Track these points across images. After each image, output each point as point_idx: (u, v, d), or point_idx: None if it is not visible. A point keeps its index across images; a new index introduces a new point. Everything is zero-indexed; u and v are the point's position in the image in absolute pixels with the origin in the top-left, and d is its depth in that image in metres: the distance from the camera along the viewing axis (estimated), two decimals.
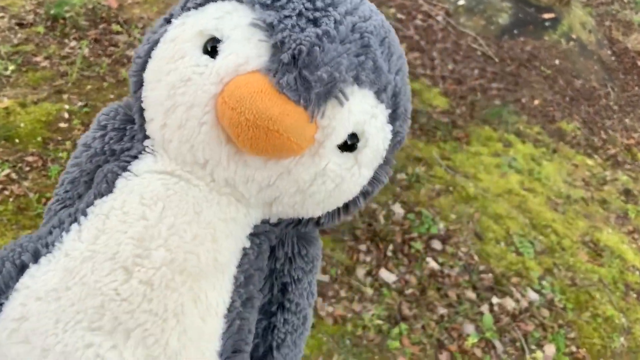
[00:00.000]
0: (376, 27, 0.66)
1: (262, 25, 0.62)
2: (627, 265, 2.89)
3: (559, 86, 4.26)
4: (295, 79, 0.59)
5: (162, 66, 0.66)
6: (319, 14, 0.63)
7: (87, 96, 2.78)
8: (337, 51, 0.61)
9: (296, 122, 0.59)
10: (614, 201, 3.36)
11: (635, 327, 2.55)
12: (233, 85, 0.60)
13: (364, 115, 0.65)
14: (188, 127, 0.64)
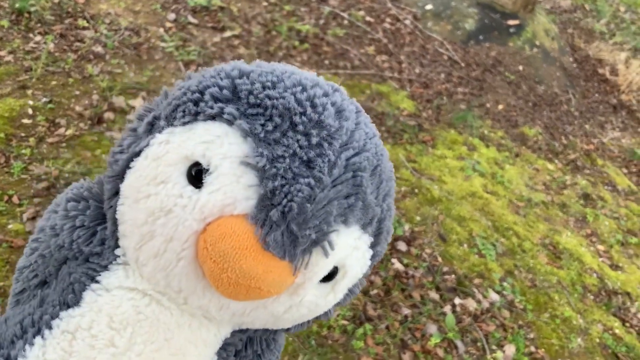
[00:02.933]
0: (369, 159, 0.62)
1: (253, 166, 0.57)
2: (585, 267, 2.98)
3: (522, 92, 4.35)
4: (283, 235, 0.56)
5: (141, 186, 0.61)
6: (313, 153, 0.58)
7: (51, 92, 2.74)
8: (327, 198, 0.58)
9: (279, 278, 0.57)
10: (573, 205, 3.45)
11: (592, 328, 2.63)
12: (217, 231, 0.56)
13: (347, 250, 0.63)
14: (164, 258, 0.60)
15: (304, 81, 0.63)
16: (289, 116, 0.59)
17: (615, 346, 2.57)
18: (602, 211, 3.48)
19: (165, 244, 0.60)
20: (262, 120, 0.59)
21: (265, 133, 0.58)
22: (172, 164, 0.60)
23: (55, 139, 2.50)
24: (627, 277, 3.03)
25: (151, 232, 0.60)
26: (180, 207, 0.58)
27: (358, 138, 0.62)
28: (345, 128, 0.61)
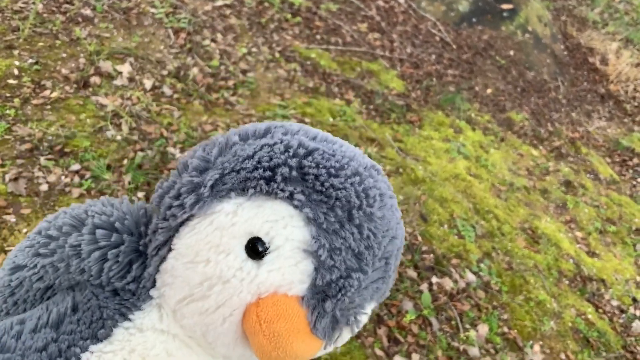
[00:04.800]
0: (399, 247, 0.67)
1: (313, 254, 0.61)
2: (562, 253, 3.02)
3: (511, 77, 4.36)
4: (329, 321, 0.61)
5: (202, 250, 0.63)
6: (362, 246, 0.61)
7: (38, 53, 2.71)
8: (367, 288, 0.63)
9: (313, 353, 0.62)
10: (555, 191, 3.49)
11: (565, 312, 2.68)
12: (273, 311, 0.60)
13: None
14: (211, 318, 0.63)
15: (361, 170, 0.65)
16: (349, 209, 0.62)
17: (587, 331, 2.62)
18: (582, 199, 3.52)
19: (216, 308, 0.62)
20: (325, 209, 0.61)
21: (327, 223, 0.61)
22: (237, 237, 0.62)
23: (40, 101, 2.48)
24: (603, 265, 3.08)
25: (204, 295, 0.63)
26: (239, 279, 0.61)
27: (392, 226, 0.65)
28: (387, 218, 0.65)
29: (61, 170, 2.22)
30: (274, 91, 3.22)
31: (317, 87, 3.39)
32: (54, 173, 2.20)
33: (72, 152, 2.30)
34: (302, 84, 3.37)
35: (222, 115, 2.86)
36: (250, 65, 3.33)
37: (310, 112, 3.14)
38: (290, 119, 3.00)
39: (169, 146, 2.52)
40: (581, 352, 2.51)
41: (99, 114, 2.54)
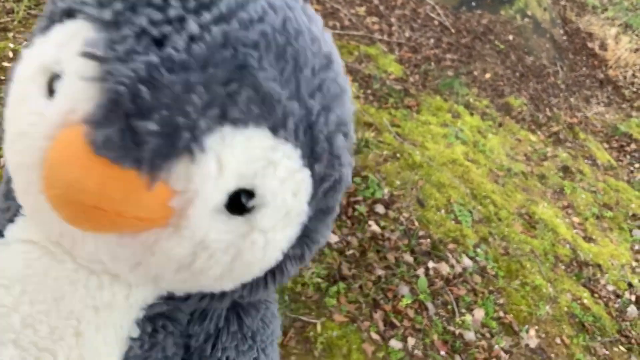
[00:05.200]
0: (267, 34, 0.47)
1: (93, 56, 0.44)
2: (558, 238, 3.03)
3: (510, 61, 4.35)
4: (121, 133, 0.42)
5: (8, 114, 0.51)
6: (169, 28, 0.44)
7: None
8: (183, 84, 0.43)
9: (123, 192, 0.43)
10: (552, 177, 3.50)
11: (561, 296, 2.69)
12: (52, 146, 0.44)
13: (252, 165, 0.48)
14: (31, 193, 0.49)
15: None
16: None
17: (583, 315, 2.63)
18: (580, 184, 3.53)
19: (27, 175, 0.49)
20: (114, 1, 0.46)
21: (115, 14, 0.45)
22: (30, 78, 0.49)
23: None
24: (599, 250, 3.09)
25: (17, 162, 0.50)
26: (32, 125, 0.47)
27: (252, 10, 0.47)
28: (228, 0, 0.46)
29: None
30: None
31: None
32: None
33: None
34: None
35: None
36: None
37: None
38: None
39: None
40: (576, 336, 2.53)
41: None
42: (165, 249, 0.49)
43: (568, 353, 2.44)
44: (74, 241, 0.52)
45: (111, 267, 0.53)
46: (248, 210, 0.49)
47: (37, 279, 0.55)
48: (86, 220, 0.44)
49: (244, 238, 0.50)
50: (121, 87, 0.41)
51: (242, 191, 0.48)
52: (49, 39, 0.50)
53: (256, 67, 0.45)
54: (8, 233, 0.59)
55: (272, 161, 0.48)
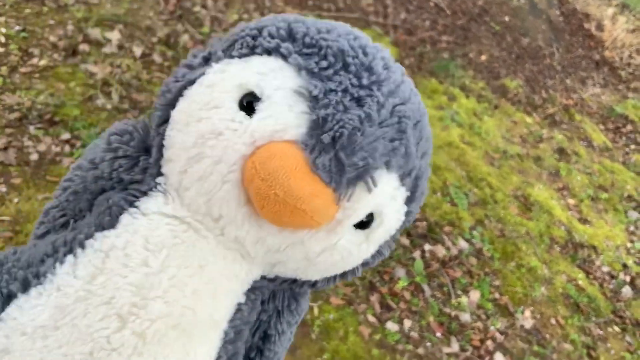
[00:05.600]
0: (413, 111, 0.64)
1: (306, 96, 0.59)
2: (554, 220, 3.04)
3: (506, 43, 4.33)
4: (331, 161, 0.57)
5: (194, 111, 0.62)
6: (363, 92, 0.60)
7: (25, 20, 2.66)
8: (374, 135, 0.59)
9: (323, 204, 0.58)
10: (548, 159, 3.50)
11: (556, 278, 2.70)
12: (266, 152, 0.57)
13: (385, 198, 0.64)
14: (210, 181, 0.61)
15: (357, 32, 0.66)
16: (342, 57, 0.61)
17: (578, 296, 2.65)
18: (575, 166, 3.53)
19: (213, 166, 0.60)
20: (317, 58, 0.61)
21: (319, 69, 0.60)
22: (226, 91, 0.61)
23: (28, 69, 2.44)
24: (594, 231, 3.10)
25: (199, 154, 0.60)
26: (231, 130, 0.59)
27: (404, 90, 0.64)
28: (393, 79, 0.63)
29: (51, 140, 2.20)
30: None
31: None
32: (44, 142, 2.18)
33: (62, 121, 2.28)
34: None
35: None
36: None
37: None
38: None
39: None
40: (571, 317, 2.55)
41: (88, 82, 2.51)
42: (309, 245, 0.63)
43: (563, 333, 2.46)
44: (229, 224, 0.63)
45: (249, 249, 0.65)
46: (369, 227, 0.66)
47: (185, 247, 0.64)
48: (286, 217, 0.57)
49: (358, 246, 0.66)
50: (344, 130, 0.57)
51: (370, 214, 0.64)
52: (249, 65, 0.63)
53: (409, 132, 0.63)
54: (144, 205, 0.67)
55: (394, 197, 0.65)
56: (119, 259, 0.63)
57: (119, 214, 0.66)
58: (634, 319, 2.69)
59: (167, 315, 0.63)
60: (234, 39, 0.66)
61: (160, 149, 0.66)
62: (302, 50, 0.62)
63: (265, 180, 0.55)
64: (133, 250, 0.63)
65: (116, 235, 0.65)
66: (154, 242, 0.64)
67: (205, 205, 0.62)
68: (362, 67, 0.61)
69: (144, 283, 0.62)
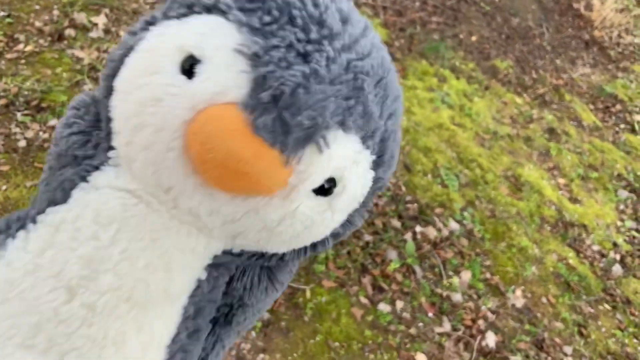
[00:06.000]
0: (374, 67, 0.60)
1: (247, 53, 0.55)
2: (544, 200, 3.05)
3: (496, 23, 4.31)
4: (274, 121, 0.54)
5: (134, 78, 0.60)
6: (311, 47, 0.56)
7: (10, 6, 2.62)
8: (324, 93, 0.55)
9: (269, 166, 0.55)
10: (538, 139, 3.50)
11: (546, 257, 2.72)
12: (205, 116, 0.54)
13: (345, 161, 0.61)
14: (154, 150, 0.58)
15: None
16: (288, 10, 0.57)
17: (568, 275, 2.67)
18: (565, 146, 3.54)
19: (155, 134, 0.58)
20: (260, 13, 0.57)
21: (262, 25, 0.57)
22: (165, 55, 0.59)
23: (14, 55, 2.41)
24: (584, 210, 3.12)
25: (141, 122, 0.58)
26: (171, 95, 0.57)
27: (363, 45, 0.60)
28: (349, 33, 0.59)
29: (39, 126, 2.18)
30: None
31: None
32: (32, 129, 2.16)
33: (49, 107, 2.26)
34: None
35: None
36: None
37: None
38: None
39: None
40: (562, 295, 2.57)
41: (75, 68, 2.48)
42: (265, 212, 0.61)
43: (554, 312, 2.49)
44: (180, 195, 0.61)
45: (205, 220, 0.62)
46: (331, 194, 0.63)
47: (136, 220, 0.63)
48: (230, 181, 0.55)
49: (320, 214, 0.63)
50: (285, 87, 0.54)
51: (331, 179, 0.61)
52: (188, 26, 0.60)
53: (366, 90, 0.59)
54: (94, 179, 0.66)
55: (357, 161, 0.62)
56: (69, 233, 0.63)
57: (70, 188, 0.66)
58: (624, 297, 2.72)
59: (117, 288, 0.62)
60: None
61: (108, 121, 0.64)
62: (244, 6, 0.59)
63: (203, 144, 0.53)
64: (83, 224, 0.63)
65: (67, 209, 0.64)
66: (105, 215, 0.63)
67: (153, 176, 0.60)
68: (312, 19, 0.57)
69: (93, 256, 0.62)
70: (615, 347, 2.47)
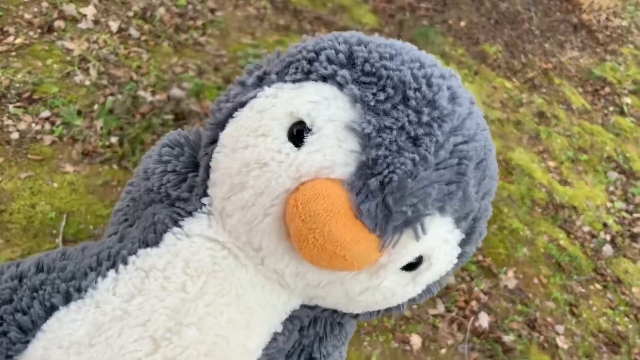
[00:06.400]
0: (477, 150, 0.59)
1: (359, 132, 0.55)
2: (535, 182, 3.08)
3: (485, 8, 4.33)
4: (377, 206, 0.53)
5: (241, 136, 0.60)
6: (421, 130, 0.55)
7: None
8: (429, 179, 0.55)
9: (365, 250, 0.54)
10: (528, 123, 3.53)
11: (538, 239, 2.76)
12: (310, 191, 0.53)
13: (436, 241, 0.60)
14: (251, 211, 0.58)
15: (423, 59, 0.60)
16: (403, 89, 0.56)
17: (559, 256, 2.71)
18: (555, 129, 3.57)
19: (255, 197, 0.58)
20: (375, 89, 0.57)
21: (376, 102, 0.56)
22: (276, 119, 0.58)
23: (5, 48, 2.41)
24: (574, 192, 3.16)
25: (243, 183, 0.58)
26: (277, 162, 0.56)
27: (469, 126, 0.59)
28: (458, 113, 0.58)
29: (31, 118, 2.19)
30: (244, 30, 3.16)
31: (289, 25, 3.34)
32: (24, 121, 2.17)
33: (41, 99, 2.26)
34: (273, 22, 3.31)
35: (192, 57, 2.81)
36: (218, 3, 3.26)
37: (283, 50, 3.10)
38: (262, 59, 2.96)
39: (139, 90, 2.48)
40: (553, 275, 2.61)
41: (65, 59, 2.48)
42: (349, 284, 0.61)
43: (545, 292, 2.52)
44: (269, 255, 0.61)
45: (289, 280, 0.63)
46: (416, 269, 0.62)
47: (224, 275, 0.63)
48: (324, 261, 0.54)
49: (403, 287, 0.63)
50: (394, 176, 0.53)
51: (419, 257, 0.60)
52: (302, 92, 0.59)
53: (469, 175, 0.58)
54: (188, 226, 0.66)
55: (447, 240, 0.61)
56: (158, 281, 0.63)
57: (163, 231, 0.66)
58: (614, 276, 2.76)
59: (200, 343, 0.62)
60: (289, 61, 0.63)
61: (207, 169, 0.65)
62: (359, 79, 0.58)
63: (305, 222, 0.52)
64: (172, 273, 0.63)
65: (158, 255, 0.65)
66: (194, 266, 0.63)
67: (246, 234, 0.61)
68: (424, 100, 0.56)
69: (180, 308, 0.62)
70: (606, 325, 2.51)
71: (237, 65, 2.86)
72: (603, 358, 2.37)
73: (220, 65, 2.82)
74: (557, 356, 2.29)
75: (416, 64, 0.59)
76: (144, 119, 2.34)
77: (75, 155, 2.12)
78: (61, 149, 2.13)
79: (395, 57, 0.59)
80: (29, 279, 0.69)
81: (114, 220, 0.79)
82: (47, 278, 0.68)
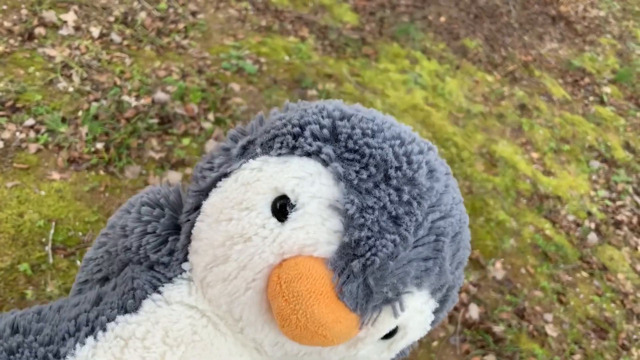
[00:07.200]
0: (453, 225, 0.61)
1: (342, 211, 0.56)
2: (519, 174, 3.12)
3: (464, 3, 4.36)
4: (358, 287, 0.55)
5: (225, 208, 0.60)
6: (402, 210, 0.56)
7: None
8: (407, 258, 0.57)
9: (345, 329, 0.56)
10: (510, 115, 3.57)
11: (524, 229, 2.79)
12: (293, 270, 0.54)
13: (412, 313, 0.61)
14: (233, 284, 0.59)
15: (403, 135, 0.62)
16: (385, 168, 0.58)
17: (546, 245, 2.75)
18: (537, 121, 3.61)
19: (238, 271, 0.59)
20: (357, 167, 0.58)
21: (359, 181, 0.57)
22: (261, 193, 0.59)
23: None
24: (558, 182, 3.20)
25: (226, 255, 0.59)
26: (261, 237, 0.57)
27: (446, 202, 0.61)
28: (436, 190, 0.60)
29: (15, 126, 2.17)
30: (226, 32, 3.16)
31: (270, 26, 3.35)
32: (8, 129, 2.15)
33: (25, 107, 2.25)
34: (254, 23, 3.31)
35: (175, 60, 2.81)
36: (199, 6, 3.26)
37: (265, 51, 3.11)
38: (245, 60, 2.96)
39: (123, 95, 2.48)
40: (540, 265, 2.64)
41: (47, 66, 2.47)
42: (327, 355, 0.63)
43: (533, 282, 2.56)
44: (249, 326, 0.62)
45: (267, 349, 0.64)
46: (391, 338, 0.64)
47: (204, 345, 0.64)
48: (305, 339, 0.55)
49: (378, 355, 0.66)
50: (376, 259, 0.54)
51: (394, 328, 0.63)
52: (287, 167, 0.59)
53: (445, 251, 0.60)
54: (168, 292, 0.66)
55: (422, 310, 0.63)
56: (138, 351, 0.63)
57: (142, 297, 0.66)
58: (600, 264, 2.80)
59: None
60: (275, 134, 0.63)
61: (188, 236, 0.65)
62: (343, 155, 0.59)
63: (289, 302, 0.53)
64: (152, 342, 0.63)
65: (137, 322, 0.64)
66: (174, 336, 0.63)
67: (227, 305, 0.61)
68: (404, 179, 0.58)
69: None
70: (594, 312, 2.55)
71: (221, 67, 2.86)
72: (592, 344, 2.40)
73: (204, 68, 2.83)
74: (547, 344, 2.32)
75: (397, 141, 0.60)
76: (129, 123, 2.34)
77: (62, 163, 2.12)
78: (47, 157, 2.13)
79: (377, 133, 0.60)
80: (4, 340, 0.67)
81: (86, 268, 0.79)
82: (23, 341, 0.67)
